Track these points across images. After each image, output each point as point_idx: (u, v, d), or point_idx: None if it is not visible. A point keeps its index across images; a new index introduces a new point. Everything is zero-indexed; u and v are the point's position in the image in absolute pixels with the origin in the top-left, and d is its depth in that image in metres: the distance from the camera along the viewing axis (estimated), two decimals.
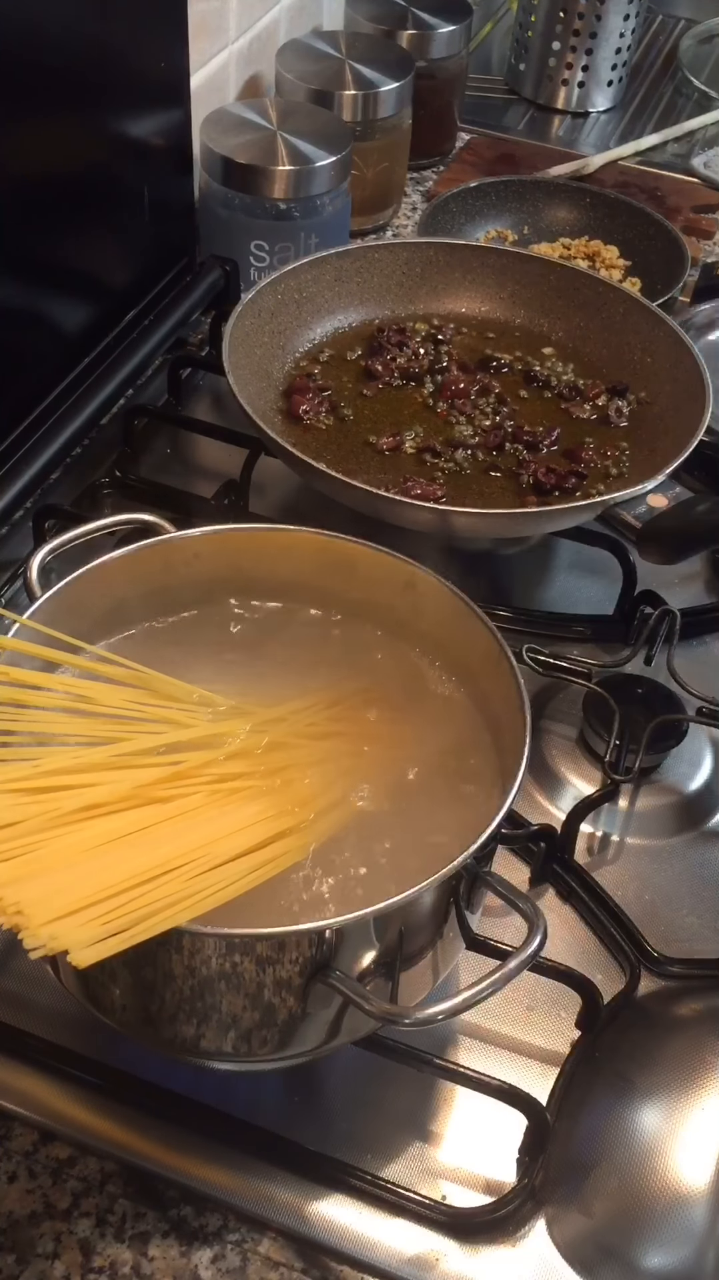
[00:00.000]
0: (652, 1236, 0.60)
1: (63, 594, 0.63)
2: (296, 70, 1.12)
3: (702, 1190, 0.61)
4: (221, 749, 0.61)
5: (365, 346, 0.97)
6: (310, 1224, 0.59)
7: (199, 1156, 0.61)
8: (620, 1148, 0.62)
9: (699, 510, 0.84)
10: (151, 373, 1.01)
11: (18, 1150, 0.61)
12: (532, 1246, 0.59)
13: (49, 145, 0.86)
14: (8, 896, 0.48)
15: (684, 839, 0.76)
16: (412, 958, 0.57)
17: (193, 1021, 0.55)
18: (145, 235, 1.03)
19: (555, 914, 0.71)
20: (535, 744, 0.76)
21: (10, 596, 0.83)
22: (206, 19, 1.04)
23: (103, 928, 0.49)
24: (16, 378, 0.90)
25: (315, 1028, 0.56)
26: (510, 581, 0.90)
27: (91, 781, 0.56)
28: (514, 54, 1.42)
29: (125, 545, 0.66)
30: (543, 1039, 0.66)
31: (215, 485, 0.89)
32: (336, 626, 0.70)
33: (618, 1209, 0.61)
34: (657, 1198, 0.61)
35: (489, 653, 0.63)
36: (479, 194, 1.18)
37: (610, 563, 0.86)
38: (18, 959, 0.66)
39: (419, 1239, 0.59)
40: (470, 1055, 0.65)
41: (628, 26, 1.35)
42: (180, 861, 0.53)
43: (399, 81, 1.13)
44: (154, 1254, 0.58)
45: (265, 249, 1.04)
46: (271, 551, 0.68)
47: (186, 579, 0.68)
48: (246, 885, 0.54)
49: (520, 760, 0.57)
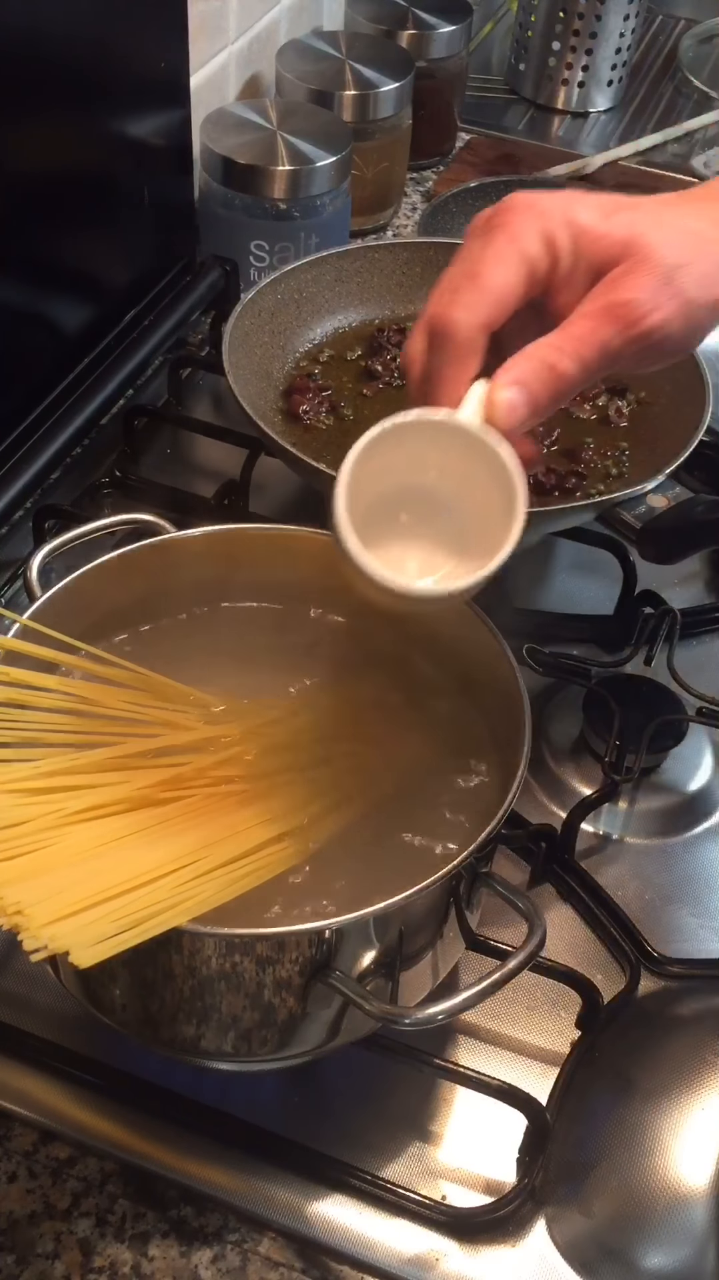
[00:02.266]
0: (652, 1236, 0.60)
1: (63, 594, 0.63)
2: (296, 70, 1.12)
3: (702, 1190, 0.61)
4: (221, 752, 0.61)
5: (365, 346, 0.97)
6: (310, 1224, 0.59)
7: (199, 1156, 0.61)
8: (620, 1148, 0.62)
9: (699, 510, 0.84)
10: (151, 373, 1.01)
11: (18, 1150, 0.61)
12: (532, 1246, 0.59)
13: (49, 145, 0.86)
14: (8, 897, 0.48)
15: (684, 839, 0.76)
16: (412, 958, 0.57)
17: (193, 1021, 0.55)
18: (145, 235, 1.03)
19: (555, 914, 0.71)
20: (535, 744, 0.76)
21: (10, 596, 0.83)
22: (206, 19, 1.04)
23: (103, 928, 0.49)
24: (17, 378, 0.90)
25: (315, 1028, 0.56)
26: (510, 581, 0.90)
27: (92, 783, 0.56)
28: (514, 54, 1.42)
29: (125, 545, 0.66)
30: (543, 1039, 0.66)
31: (215, 485, 0.89)
32: (337, 627, 0.70)
33: (618, 1209, 0.61)
34: (657, 1198, 0.61)
35: (489, 653, 0.63)
36: (479, 194, 1.17)
37: (610, 563, 0.86)
38: (18, 959, 0.66)
39: (419, 1239, 0.59)
40: (470, 1055, 0.65)
41: (628, 26, 1.35)
42: (180, 863, 0.53)
43: (399, 81, 1.13)
44: (154, 1254, 0.58)
45: (265, 249, 1.04)
46: (272, 551, 0.68)
47: (186, 579, 0.68)
48: (246, 886, 0.54)
49: (520, 760, 0.58)
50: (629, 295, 0.51)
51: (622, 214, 0.53)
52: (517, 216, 0.52)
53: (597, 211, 0.53)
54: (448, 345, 0.52)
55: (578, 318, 0.52)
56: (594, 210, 0.53)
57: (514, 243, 0.51)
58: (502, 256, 0.52)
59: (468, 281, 0.52)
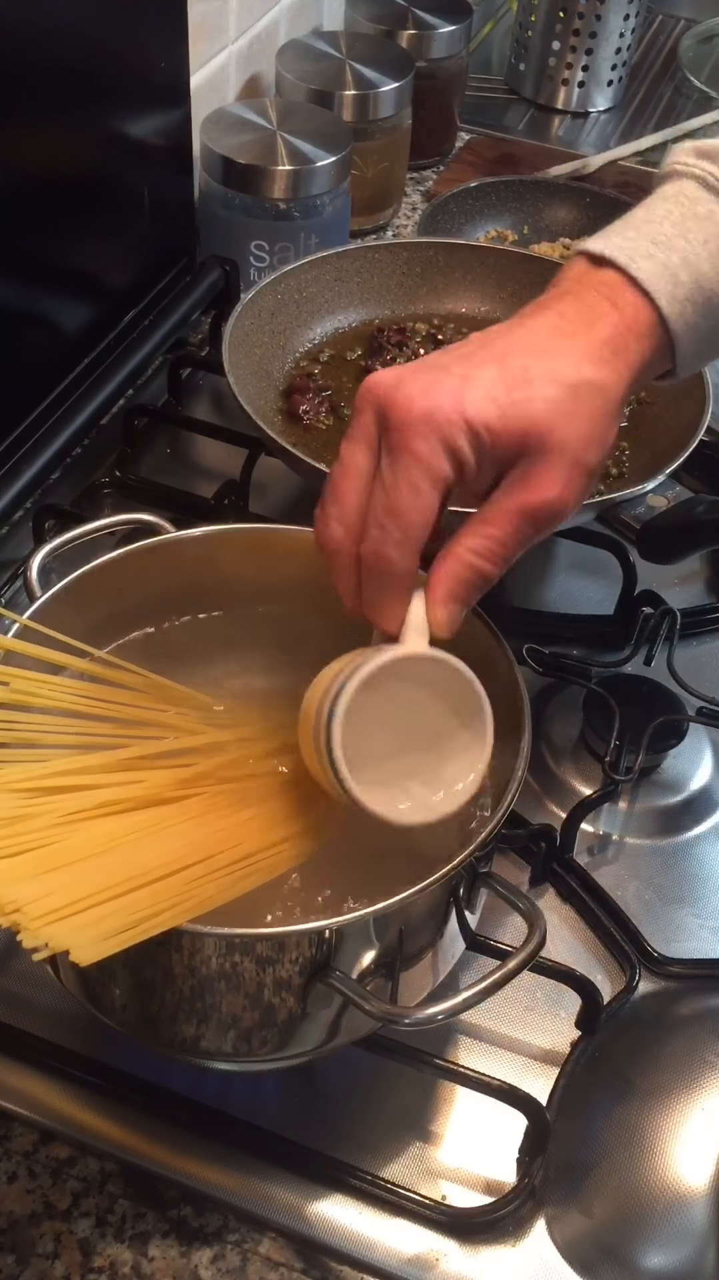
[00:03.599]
0: (652, 1236, 0.60)
1: (63, 594, 0.63)
2: (296, 70, 1.12)
3: (702, 1190, 0.61)
4: (221, 754, 0.61)
5: (365, 346, 0.97)
6: (310, 1224, 0.59)
7: (199, 1156, 0.61)
8: (620, 1148, 0.62)
9: (699, 510, 0.84)
10: (151, 373, 1.01)
11: (18, 1150, 0.61)
12: (532, 1246, 0.59)
13: (49, 145, 0.86)
14: (6, 895, 0.48)
15: (684, 839, 0.76)
16: (412, 958, 0.57)
17: (193, 1021, 0.55)
18: (145, 235, 1.03)
19: (555, 914, 0.71)
20: (535, 744, 0.76)
21: (10, 596, 0.83)
22: (206, 19, 1.04)
23: (104, 927, 0.49)
24: (17, 378, 0.90)
25: (315, 1028, 0.56)
26: (510, 581, 0.90)
27: (94, 784, 0.56)
28: (514, 54, 1.42)
29: (125, 545, 0.66)
30: (543, 1039, 0.66)
31: (215, 485, 0.89)
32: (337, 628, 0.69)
33: (618, 1209, 0.61)
34: (657, 1198, 0.61)
35: (489, 653, 0.63)
36: (479, 194, 1.18)
37: (610, 563, 0.86)
38: (18, 959, 0.66)
39: (419, 1239, 0.59)
40: (470, 1055, 0.65)
41: (628, 26, 1.35)
42: (181, 863, 0.53)
43: (399, 81, 1.13)
44: (154, 1254, 0.58)
45: (265, 249, 1.04)
46: (272, 552, 0.68)
47: (186, 579, 0.68)
48: (247, 886, 0.54)
49: (521, 760, 0.57)
50: (541, 495, 0.53)
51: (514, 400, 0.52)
52: (416, 435, 0.52)
53: (489, 405, 0.52)
54: (388, 582, 0.55)
55: (495, 514, 0.54)
56: (485, 403, 0.52)
57: (423, 467, 0.52)
58: (416, 487, 0.52)
59: (391, 519, 0.53)
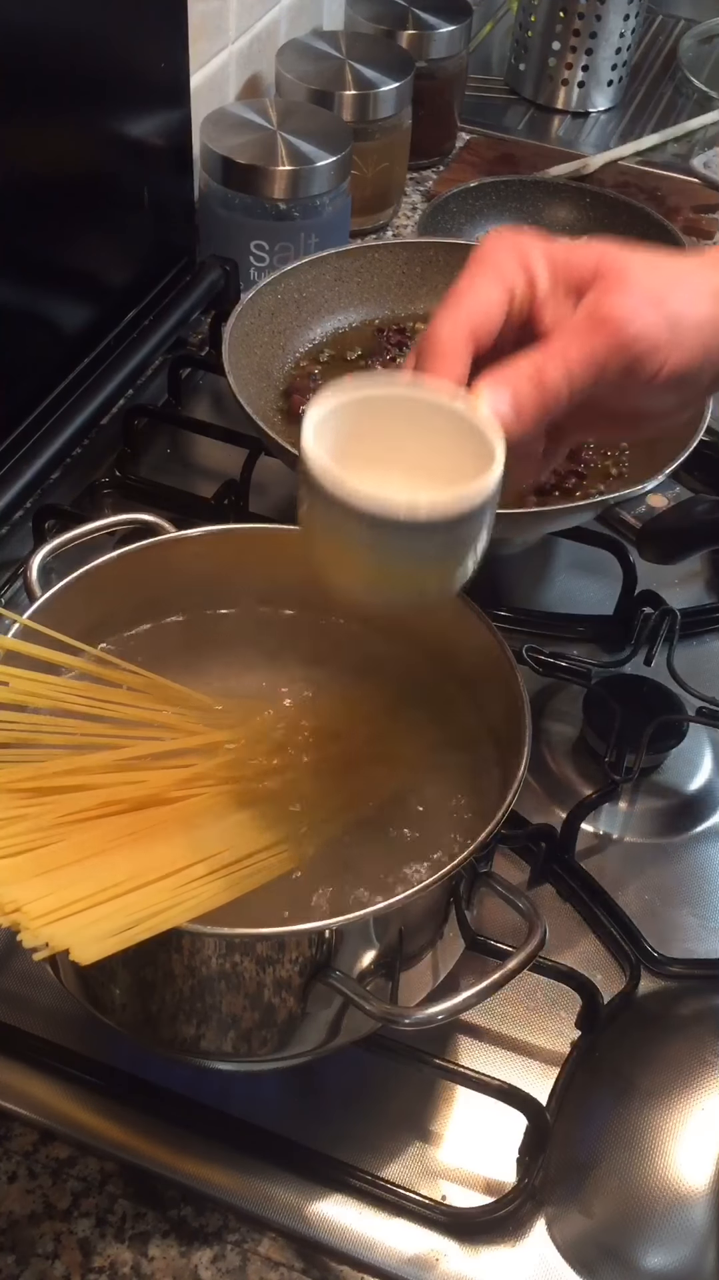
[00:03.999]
0: (652, 1236, 0.60)
1: (63, 594, 0.63)
2: (296, 70, 1.12)
3: (702, 1190, 0.61)
4: (221, 754, 0.61)
5: (365, 346, 0.97)
6: (310, 1224, 0.59)
7: (199, 1156, 0.61)
8: (620, 1148, 0.62)
9: (699, 510, 0.84)
10: (151, 373, 1.01)
11: (18, 1150, 0.61)
12: (532, 1246, 0.59)
13: (49, 145, 0.86)
14: (5, 895, 0.48)
15: (684, 839, 0.76)
16: (412, 958, 0.57)
17: (193, 1021, 0.55)
18: (145, 235, 1.03)
19: (555, 914, 0.71)
20: (535, 744, 0.76)
21: (10, 596, 0.83)
22: (206, 19, 1.04)
23: (104, 926, 0.49)
24: (17, 378, 0.90)
25: (315, 1028, 0.56)
26: (510, 581, 0.90)
27: (93, 784, 0.56)
28: (514, 54, 1.42)
29: (125, 545, 0.66)
30: (543, 1039, 0.66)
31: (215, 485, 0.89)
32: (337, 628, 0.70)
33: (618, 1209, 0.61)
34: (657, 1198, 0.61)
35: (489, 653, 0.63)
36: (479, 194, 1.18)
37: (610, 563, 0.86)
38: (18, 959, 0.66)
39: (419, 1239, 0.59)
40: (470, 1055, 0.65)
41: (628, 26, 1.35)
42: (181, 863, 0.53)
43: (399, 81, 1.13)
44: (154, 1254, 0.58)
45: (265, 249, 1.04)
46: (272, 552, 0.68)
47: (186, 580, 0.68)
48: (248, 887, 0.54)
49: (521, 760, 0.57)
50: (611, 309, 0.53)
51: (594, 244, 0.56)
52: (493, 247, 0.55)
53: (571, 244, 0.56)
54: (430, 351, 0.53)
55: (562, 330, 0.54)
56: (569, 243, 0.56)
57: (492, 266, 0.54)
58: (480, 278, 0.54)
59: (450, 300, 0.54)
